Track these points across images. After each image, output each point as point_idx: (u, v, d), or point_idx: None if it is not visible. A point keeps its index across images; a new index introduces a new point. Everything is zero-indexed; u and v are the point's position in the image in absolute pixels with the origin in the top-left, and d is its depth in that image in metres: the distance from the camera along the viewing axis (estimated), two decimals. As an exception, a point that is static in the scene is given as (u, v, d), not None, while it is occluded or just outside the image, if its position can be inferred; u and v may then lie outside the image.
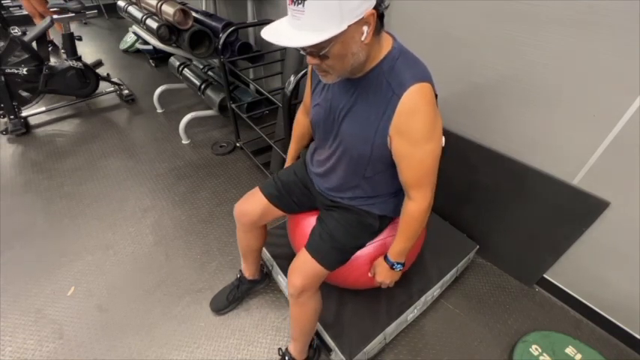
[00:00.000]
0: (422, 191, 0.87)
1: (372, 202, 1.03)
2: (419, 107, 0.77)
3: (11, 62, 2.38)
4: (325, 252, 1.00)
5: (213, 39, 2.10)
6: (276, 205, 1.16)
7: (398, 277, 1.07)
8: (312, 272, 0.99)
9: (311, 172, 1.13)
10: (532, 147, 1.31)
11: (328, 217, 1.06)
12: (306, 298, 1.03)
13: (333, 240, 1.01)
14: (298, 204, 1.17)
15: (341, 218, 1.04)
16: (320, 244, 1.01)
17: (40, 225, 1.86)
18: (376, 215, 1.04)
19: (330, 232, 1.02)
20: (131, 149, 2.46)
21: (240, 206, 1.20)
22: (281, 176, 1.19)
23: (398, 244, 0.98)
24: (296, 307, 1.06)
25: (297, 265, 1.02)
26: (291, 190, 1.16)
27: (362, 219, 1.04)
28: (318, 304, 1.09)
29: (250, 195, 1.20)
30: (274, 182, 1.17)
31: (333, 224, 1.03)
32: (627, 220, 1.16)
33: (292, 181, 1.16)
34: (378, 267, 1.06)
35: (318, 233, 1.04)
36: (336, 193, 1.05)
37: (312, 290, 1.03)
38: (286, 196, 1.16)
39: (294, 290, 1.00)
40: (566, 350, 1.29)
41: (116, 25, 5.05)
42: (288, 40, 0.68)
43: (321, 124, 0.96)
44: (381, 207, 1.04)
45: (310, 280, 1.00)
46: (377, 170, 0.93)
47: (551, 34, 1.09)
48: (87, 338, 1.37)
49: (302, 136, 1.24)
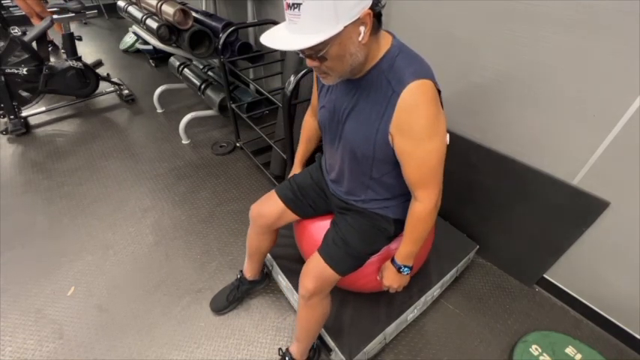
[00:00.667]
0: (427, 191, 0.86)
1: (387, 204, 1.02)
2: (419, 104, 0.76)
3: (11, 62, 2.38)
4: (339, 258, 0.99)
5: (213, 39, 2.10)
6: (292, 208, 1.16)
7: (406, 282, 1.04)
8: (324, 276, 0.99)
9: (326, 177, 1.14)
10: (532, 147, 1.31)
11: (342, 221, 1.06)
12: (316, 301, 1.02)
13: (346, 246, 1.00)
14: (314, 207, 1.17)
15: (355, 223, 1.03)
16: (334, 250, 1.00)
17: (40, 225, 1.86)
18: (391, 219, 1.03)
19: (343, 238, 1.01)
20: (131, 149, 2.46)
21: (257, 207, 1.20)
22: (297, 179, 1.19)
23: (405, 246, 0.96)
24: (305, 310, 1.05)
25: (309, 268, 1.01)
26: (307, 194, 1.16)
27: (376, 223, 1.03)
28: (327, 308, 1.09)
29: (267, 197, 1.20)
30: (290, 185, 1.17)
31: (347, 229, 1.02)
32: (627, 220, 1.16)
33: (308, 185, 1.16)
34: (385, 270, 1.04)
35: (331, 238, 1.03)
36: (349, 196, 1.05)
37: (323, 294, 1.03)
38: (302, 199, 1.16)
39: (305, 292, 0.99)
40: (566, 350, 1.29)
41: (116, 25, 5.05)
42: (286, 43, 0.68)
43: (327, 126, 0.97)
44: (395, 210, 1.02)
45: (322, 283, 0.99)
46: (384, 171, 0.93)
47: (551, 34, 1.09)
48: (87, 338, 1.37)
49: (310, 139, 1.24)
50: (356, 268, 1.04)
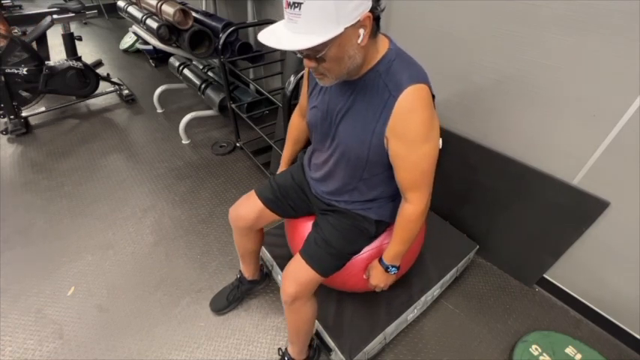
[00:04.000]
0: (418, 193, 0.87)
1: (369, 206, 1.02)
2: (416, 108, 0.77)
3: (11, 62, 2.38)
4: (320, 258, 0.99)
5: (213, 39, 2.09)
6: (272, 209, 1.15)
7: (392, 281, 1.05)
8: (306, 279, 0.98)
9: (309, 176, 1.12)
10: (532, 147, 1.31)
11: (324, 221, 1.05)
12: (299, 304, 1.01)
13: (328, 245, 1.00)
14: (295, 208, 1.16)
15: (337, 223, 1.03)
16: (315, 250, 1.00)
17: (40, 225, 1.86)
18: (372, 220, 1.03)
19: (325, 238, 1.01)
20: (131, 149, 2.46)
21: (235, 210, 1.19)
22: (277, 179, 1.18)
23: (393, 246, 0.97)
24: (290, 314, 1.05)
25: (289, 271, 1.00)
26: (288, 194, 1.14)
27: (358, 223, 1.03)
28: (313, 309, 1.07)
29: (245, 199, 1.19)
30: (270, 186, 1.16)
31: (329, 229, 1.02)
32: (627, 220, 1.16)
33: (289, 185, 1.15)
34: (373, 270, 1.04)
35: (313, 239, 1.03)
36: (332, 197, 1.05)
37: (305, 297, 1.01)
38: (282, 200, 1.14)
39: (287, 297, 0.98)
40: (566, 350, 1.29)
41: (116, 25, 5.05)
42: (285, 43, 0.68)
43: (319, 127, 0.96)
44: (377, 212, 1.03)
45: (304, 287, 0.98)
46: (374, 172, 0.93)
47: (551, 34, 1.09)
48: (87, 338, 1.37)
49: (297, 139, 1.23)
50: (338, 269, 1.03)
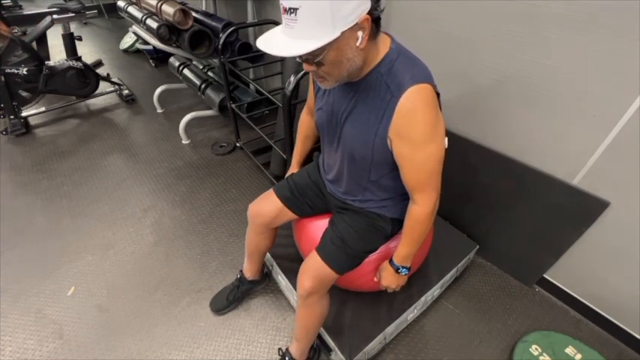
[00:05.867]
0: (425, 194, 0.86)
1: (384, 204, 1.02)
2: (418, 109, 0.76)
3: (11, 62, 2.38)
4: (336, 256, 1.00)
5: (213, 39, 2.09)
6: (290, 207, 1.16)
7: (404, 282, 1.05)
8: (322, 275, 0.99)
9: (323, 176, 1.14)
10: (532, 147, 1.31)
11: (340, 220, 1.06)
12: (314, 300, 1.02)
13: (344, 244, 1.01)
14: (312, 207, 1.17)
15: (352, 222, 1.03)
16: (331, 248, 1.01)
17: (40, 225, 1.86)
18: (388, 219, 1.04)
19: (341, 236, 1.01)
20: (131, 149, 2.45)
21: (255, 206, 1.21)
22: (295, 178, 1.19)
23: (403, 247, 0.97)
24: (303, 309, 1.06)
25: (307, 267, 1.02)
26: (305, 193, 1.16)
27: (374, 222, 1.03)
28: (325, 307, 1.09)
29: (265, 196, 1.20)
30: (288, 184, 1.17)
31: (345, 227, 1.03)
32: (627, 220, 1.16)
33: (306, 184, 1.17)
34: (384, 271, 1.04)
35: (329, 237, 1.03)
36: (346, 196, 1.06)
37: (320, 293, 1.03)
38: (300, 199, 1.16)
39: (303, 291, 1.00)
40: (566, 350, 1.29)
41: (116, 25, 5.05)
42: (282, 49, 0.68)
43: (325, 128, 0.97)
44: (392, 210, 1.03)
45: (320, 282, 1.00)
46: (382, 173, 0.93)
47: (551, 34, 1.09)
48: (87, 338, 1.37)
49: (307, 137, 1.24)
50: (353, 267, 1.04)
